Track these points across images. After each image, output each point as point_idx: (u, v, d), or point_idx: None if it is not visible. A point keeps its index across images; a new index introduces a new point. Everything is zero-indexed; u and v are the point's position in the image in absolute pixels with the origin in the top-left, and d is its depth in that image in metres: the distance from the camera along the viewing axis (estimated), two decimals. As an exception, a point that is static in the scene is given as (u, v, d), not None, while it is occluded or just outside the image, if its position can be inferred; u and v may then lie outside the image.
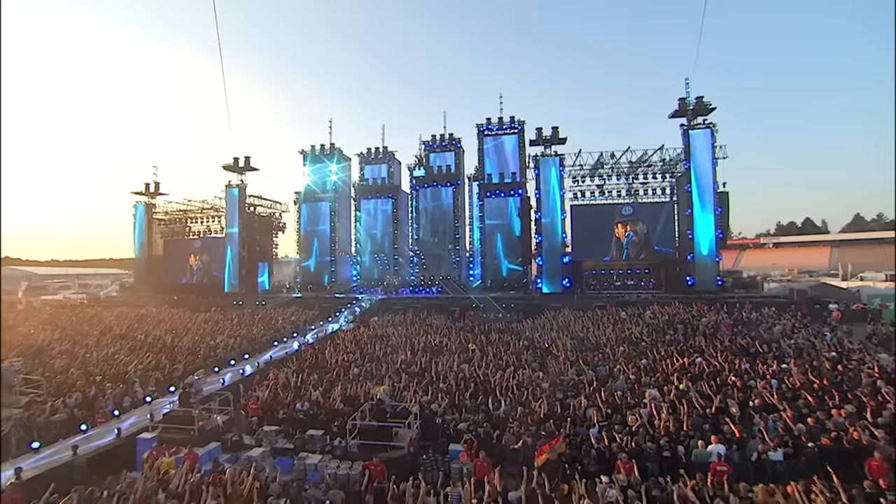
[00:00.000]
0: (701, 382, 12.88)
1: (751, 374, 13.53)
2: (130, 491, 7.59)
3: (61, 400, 12.54)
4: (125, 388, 14.00)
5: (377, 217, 39.41)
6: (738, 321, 20.58)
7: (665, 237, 29.31)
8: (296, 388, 13.82)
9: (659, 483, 7.76)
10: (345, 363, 16.34)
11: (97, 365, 16.70)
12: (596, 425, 10.52)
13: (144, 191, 40.94)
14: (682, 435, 9.93)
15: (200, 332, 22.61)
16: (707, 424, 10.25)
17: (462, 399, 12.62)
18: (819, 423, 9.93)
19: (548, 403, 11.83)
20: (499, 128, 35.00)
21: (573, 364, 15.54)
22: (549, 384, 13.64)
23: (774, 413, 10.60)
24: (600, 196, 30.69)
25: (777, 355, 15.26)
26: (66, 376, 15.21)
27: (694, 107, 27.73)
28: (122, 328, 23.84)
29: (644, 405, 11.64)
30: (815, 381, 12.36)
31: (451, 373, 14.71)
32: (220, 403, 12.38)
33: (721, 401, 11.45)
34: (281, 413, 12.03)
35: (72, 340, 20.99)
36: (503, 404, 11.95)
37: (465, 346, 18.28)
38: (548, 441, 9.58)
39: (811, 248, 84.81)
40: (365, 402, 11.72)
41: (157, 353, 18.42)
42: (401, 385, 13.69)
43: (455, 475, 8.80)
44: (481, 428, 10.67)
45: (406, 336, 20.26)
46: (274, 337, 21.79)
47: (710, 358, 15.20)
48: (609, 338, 18.45)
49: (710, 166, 27.21)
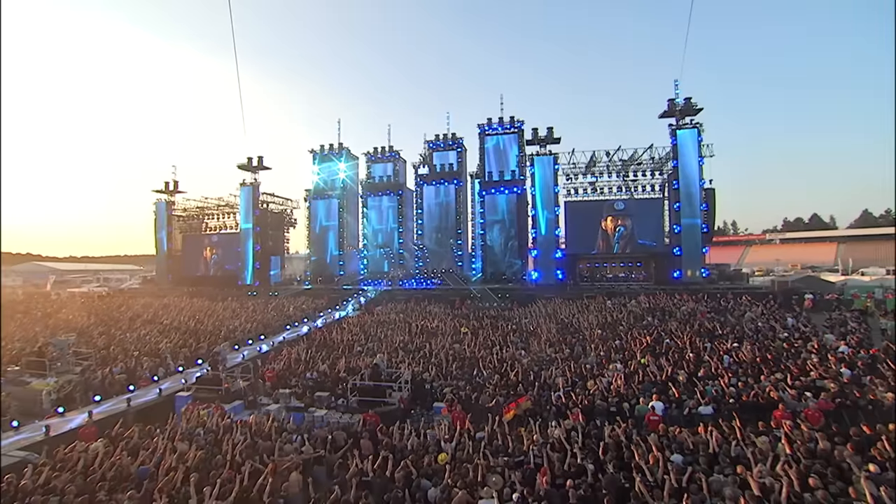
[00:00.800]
0: (661, 358, 14.62)
1: (707, 350, 15.24)
2: (177, 428, 9.64)
3: (108, 369, 14.71)
4: (159, 361, 16.16)
5: (383, 213, 41.31)
6: (715, 309, 22.16)
7: (653, 232, 30.82)
8: (306, 361, 15.84)
9: (596, 425, 9.60)
10: (349, 342, 18.36)
11: (132, 343, 18.93)
12: (560, 389, 12.36)
13: (164, 189, 43.40)
14: (630, 396, 11.72)
15: (220, 317, 24.83)
16: (655, 389, 12.02)
17: (449, 370, 14.54)
18: (748, 386, 11.66)
19: (522, 372, 13.69)
20: (499, 127, 36.65)
21: (553, 344, 17.36)
22: (528, 360, 15.49)
23: (715, 380, 12.35)
24: (593, 193, 32.25)
25: (738, 336, 16.93)
26: (108, 352, 17.43)
27: (681, 108, 29.16)
28: (149, 315, 26.16)
29: (606, 374, 13.45)
30: (758, 356, 14.05)
31: (442, 350, 16.62)
32: (241, 371, 14.44)
33: (672, 371, 13.22)
34: (293, 381, 14.05)
35: (106, 324, 23.32)
36: (484, 374, 13.84)
37: (458, 330, 20.16)
38: (515, 399, 11.45)
39: (818, 245, 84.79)
40: (365, 371, 13.70)
41: (183, 335, 20.62)
42: (397, 359, 15.63)
43: (436, 423, 10.69)
44: (463, 392, 12.58)
45: (405, 321, 22.23)
46: (286, 322, 23.90)
47: (677, 339, 16.90)
48: (590, 323, 20.21)
49: (696, 164, 28.66)
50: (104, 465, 7.60)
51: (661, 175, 30.88)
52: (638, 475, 7.21)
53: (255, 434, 9.40)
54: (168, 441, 8.93)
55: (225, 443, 8.82)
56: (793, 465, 7.26)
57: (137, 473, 7.50)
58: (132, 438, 9.13)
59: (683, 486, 6.93)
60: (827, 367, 12.61)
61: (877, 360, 12.87)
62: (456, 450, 8.69)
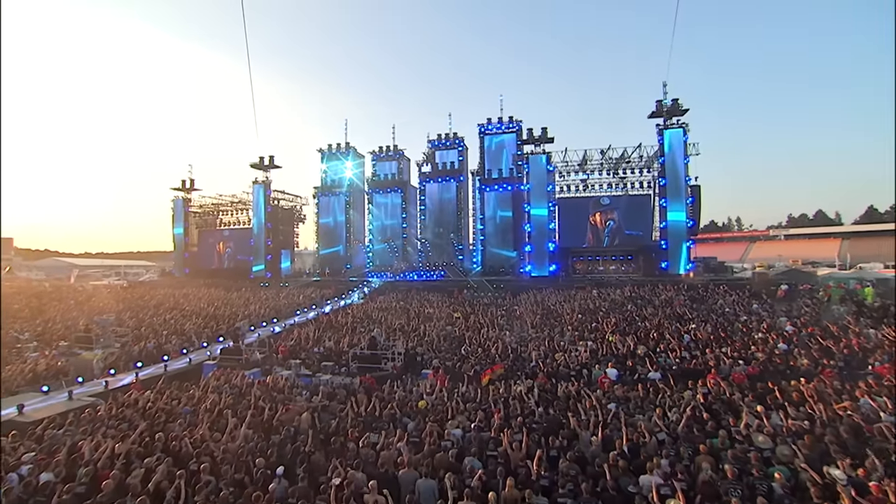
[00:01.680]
0: (628, 336, 16.47)
1: (670, 330, 17.03)
2: (208, 384, 11.76)
3: (143, 343, 16.95)
4: (185, 339, 18.37)
5: (388, 209, 43.37)
6: (692, 298, 23.86)
7: (642, 226, 32.47)
8: (314, 339, 17.94)
9: (553, 384, 11.54)
10: (352, 324, 20.45)
11: (160, 325, 21.21)
12: (533, 360, 14.30)
13: (181, 186, 45.86)
14: (592, 365, 13.62)
15: (236, 304, 27.09)
16: (614, 360, 13.90)
17: (440, 346, 16.54)
18: (695, 357, 13.49)
19: (503, 348, 15.64)
20: (498, 127, 38.50)
21: (535, 326, 19.28)
22: (511, 338, 17.42)
23: (669, 353, 14.19)
24: (585, 189, 33.94)
25: (703, 319, 18.70)
26: (139, 332, 19.70)
27: (669, 108, 30.71)
28: (171, 303, 28.52)
29: (576, 350, 15.35)
30: (712, 334, 15.85)
31: (434, 330, 18.62)
32: (258, 346, 16.58)
33: (634, 346, 15.08)
34: (303, 354, 16.15)
35: (134, 310, 25.68)
36: (469, 349, 15.82)
37: (451, 315, 22.14)
38: (491, 367, 13.41)
39: (822, 241, 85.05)
40: (364, 342, 15.75)
41: (203, 318, 22.90)
42: (394, 337, 17.66)
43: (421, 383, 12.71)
44: (449, 362, 14.56)
45: (405, 308, 24.27)
46: (296, 308, 26.08)
47: (647, 322, 18.70)
48: (573, 309, 22.06)
49: (682, 162, 30.23)
50: (157, 405, 9.73)
51: (650, 172, 32.46)
52: (574, 417, 9.16)
53: (272, 389, 11.49)
54: (202, 392, 11.06)
55: (247, 395, 10.91)
56: (695, 407, 9.20)
57: (182, 411, 9.61)
58: (174, 391, 11.27)
59: (608, 422, 8.85)
60: (766, 343, 14.38)
61: (812, 337, 14.59)
62: (434, 400, 10.69)
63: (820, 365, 12.09)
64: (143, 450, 7.37)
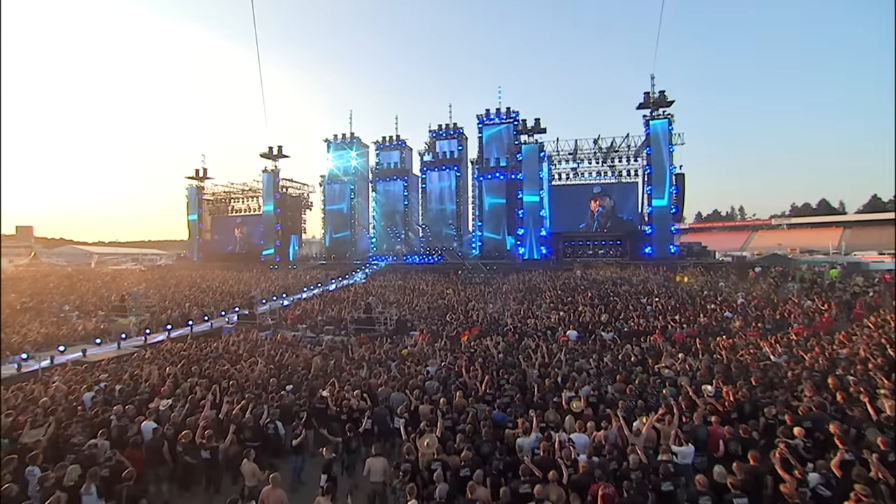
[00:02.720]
0: (597, 308, 18.50)
1: (636, 302, 19.03)
2: (228, 339, 14.07)
3: (169, 312, 19.35)
4: (205, 309, 20.73)
5: (391, 196, 45.44)
6: (666, 277, 25.74)
7: (629, 212, 34.26)
8: (319, 309, 20.21)
9: (519, 340, 13.67)
10: (353, 298, 22.67)
11: (182, 299, 23.62)
12: (508, 325, 16.43)
13: (195, 175, 48.26)
14: (557, 327, 15.72)
15: (248, 283, 29.52)
16: (579, 325, 15.97)
17: (429, 315, 18.72)
18: (649, 322, 15.53)
19: (484, 316, 17.78)
20: (496, 118, 40.20)
21: (517, 300, 21.37)
22: (492, 308, 19.55)
23: (628, 320, 16.25)
24: (576, 177, 35.71)
25: (669, 294, 20.66)
26: (164, 304, 22.13)
27: (655, 100, 32.23)
28: (189, 282, 31.04)
29: (548, 317, 17.44)
30: (670, 306, 17.86)
31: (425, 303, 20.80)
32: (269, 314, 18.90)
33: (599, 314, 17.14)
34: (308, 321, 18.42)
35: (157, 288, 28.18)
36: (453, 316, 17.98)
37: (444, 292, 24.29)
38: (469, 329, 15.57)
39: (824, 230, 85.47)
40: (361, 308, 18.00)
41: (220, 294, 25.29)
42: (389, 307, 19.87)
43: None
44: (434, 326, 16.74)
45: (402, 286, 26.48)
46: (303, 286, 28.41)
47: (619, 297, 20.69)
48: (555, 286, 24.08)
49: (667, 151, 31.84)
50: (189, 351, 12.04)
51: (637, 161, 34.10)
52: (526, 361, 11.28)
53: (281, 342, 13.78)
54: (224, 344, 13.37)
55: (261, 346, 13.20)
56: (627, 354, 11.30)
57: (210, 352, 11.90)
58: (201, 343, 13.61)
59: (552, 363, 10.96)
60: (714, 312, 16.37)
61: (758, 308, 16.53)
62: (415, 350, 12.89)
63: (749, 327, 14.08)
64: (183, 375, 9.64)
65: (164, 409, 7.56)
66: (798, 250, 69.74)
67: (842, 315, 15.05)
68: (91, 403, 8.00)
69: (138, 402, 8.00)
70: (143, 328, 16.57)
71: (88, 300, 23.73)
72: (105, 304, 21.34)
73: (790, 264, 30.95)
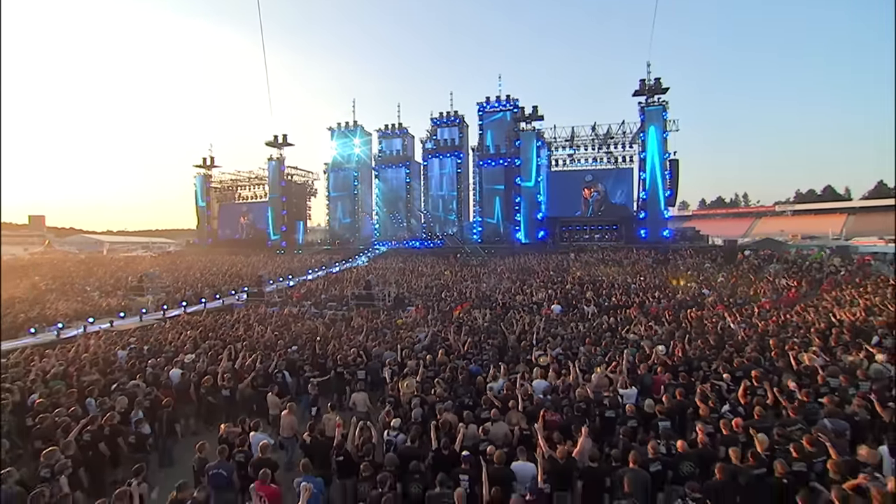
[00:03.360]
0: (585, 286, 19.62)
1: (622, 281, 20.12)
2: (239, 313, 15.40)
3: (183, 292, 20.73)
4: (216, 289, 22.09)
5: (393, 183, 46.40)
6: (657, 260, 26.75)
7: (624, 198, 35.11)
8: (322, 288, 21.51)
9: (505, 312, 14.87)
10: (356, 279, 23.93)
11: (195, 280, 25.02)
12: (498, 300, 17.62)
13: (203, 164, 49.50)
14: (543, 302, 16.89)
15: (256, 266, 30.87)
16: (565, 301, 17.13)
17: (425, 293, 19.94)
18: (629, 298, 16.65)
19: (477, 293, 18.98)
20: (496, 105, 40.90)
21: (510, 279, 22.53)
22: (485, 286, 20.74)
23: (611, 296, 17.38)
24: (573, 163, 36.54)
25: (654, 274, 21.72)
26: (177, 285, 23.52)
27: (651, 87, 32.83)
28: (200, 266, 32.48)
29: (537, 294, 18.61)
30: (652, 283, 18.94)
31: (423, 282, 22.02)
32: (276, 293, 20.22)
33: (584, 290, 18.28)
34: (312, 298, 19.71)
35: (169, 271, 29.62)
36: (447, 293, 19.20)
37: (442, 273, 25.50)
38: (461, 304, 16.78)
39: (828, 216, 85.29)
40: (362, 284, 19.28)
41: (229, 276, 26.66)
42: (388, 286, 21.11)
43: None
44: (430, 302, 17.96)
45: (402, 268, 27.71)
46: (308, 268, 29.70)
47: (607, 276, 21.78)
48: (547, 267, 25.19)
49: (662, 137, 32.54)
50: (205, 321, 13.36)
51: (631, 147, 34.83)
52: (509, 329, 12.46)
53: (288, 315, 15.07)
54: (236, 315, 14.69)
55: (269, 318, 14.50)
56: (600, 322, 12.45)
57: (224, 322, 13.21)
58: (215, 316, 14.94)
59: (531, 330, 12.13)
60: (690, 288, 17.45)
61: (734, 286, 17.58)
62: (409, 320, 14.14)
63: (721, 302, 15.16)
64: (202, 338, 10.95)
65: (189, 361, 8.85)
66: (799, 236, 70.19)
67: (810, 291, 16.07)
68: (126, 358, 9.32)
69: (164, 358, 9.30)
70: (160, 305, 17.92)
71: (107, 282, 25.20)
72: (123, 285, 22.80)
73: (780, 248, 31.84)
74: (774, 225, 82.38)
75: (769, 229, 78.22)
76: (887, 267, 19.48)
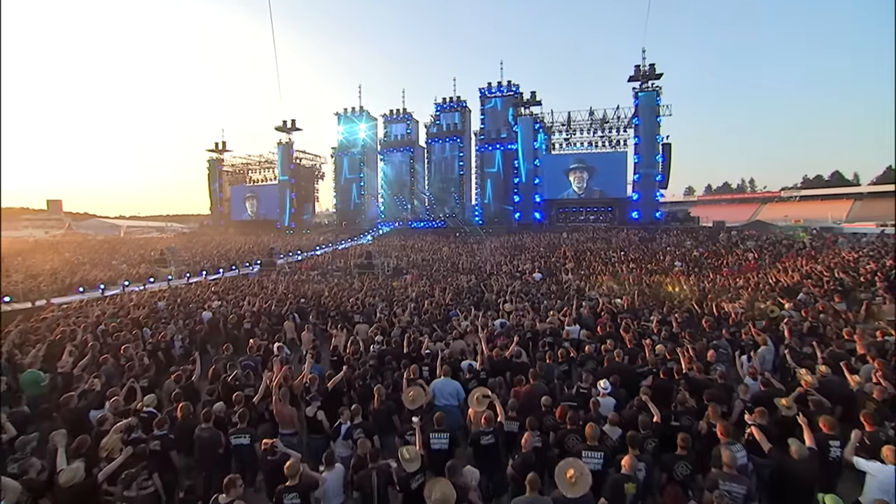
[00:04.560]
0: (570, 261, 21.26)
1: (604, 255, 21.73)
2: (253, 279, 17.34)
3: (202, 264, 22.76)
4: (232, 262, 24.11)
5: (398, 166, 48.00)
6: (643, 238, 28.22)
7: (618, 180, 36.39)
8: (329, 260, 23.41)
9: (488, 277, 16.62)
10: (360, 254, 25.80)
11: (212, 255, 27.08)
12: (486, 269, 19.38)
13: (215, 148, 51.44)
14: (525, 270, 18.60)
15: (267, 244, 32.84)
16: (544, 268, 18.82)
17: (421, 264, 21.77)
18: (606, 267, 18.29)
19: (469, 264, 20.75)
20: (497, 91, 42.07)
21: (502, 255, 24.24)
22: (478, 260, 22.49)
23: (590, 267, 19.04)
24: (570, 147, 37.81)
25: (637, 249, 23.28)
26: (197, 259, 25.59)
27: (645, 72, 33.82)
28: (215, 244, 34.59)
29: (523, 265, 20.32)
30: (634, 257, 20.55)
31: (421, 256, 23.83)
32: (287, 264, 22.18)
33: (566, 262, 19.95)
34: (319, 269, 21.63)
35: (186, 248, 31.77)
36: (441, 264, 20.99)
37: (440, 249, 27.27)
38: (453, 274, 18.55)
39: (834, 202, 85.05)
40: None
41: (243, 252, 28.70)
42: (388, 258, 22.98)
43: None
44: (424, 272, 19.78)
45: (403, 245, 29.52)
46: (316, 246, 31.67)
47: (592, 253, 23.38)
48: (538, 244, 26.83)
49: (654, 122, 33.66)
50: (224, 285, 15.32)
51: (625, 132, 35.99)
52: (488, 290, 14.20)
53: (297, 280, 16.98)
54: (251, 280, 16.64)
55: (280, 282, 16.41)
56: (569, 282, 14.14)
57: (242, 284, 15.14)
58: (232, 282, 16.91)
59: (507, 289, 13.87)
60: (665, 261, 19.04)
61: (704, 259, 19.13)
62: (403, 283, 15.96)
63: (686, 272, 16.76)
64: (224, 292, 12.86)
65: (216, 306, 10.76)
66: (802, 221, 70.57)
67: (770, 263, 17.57)
68: (165, 305, 11.28)
69: (195, 305, 11.23)
70: (182, 274, 19.98)
71: (132, 257, 27.39)
72: (147, 259, 24.93)
73: (766, 229, 33.08)
74: (780, 210, 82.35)
75: (774, 215, 78.44)
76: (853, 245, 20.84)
